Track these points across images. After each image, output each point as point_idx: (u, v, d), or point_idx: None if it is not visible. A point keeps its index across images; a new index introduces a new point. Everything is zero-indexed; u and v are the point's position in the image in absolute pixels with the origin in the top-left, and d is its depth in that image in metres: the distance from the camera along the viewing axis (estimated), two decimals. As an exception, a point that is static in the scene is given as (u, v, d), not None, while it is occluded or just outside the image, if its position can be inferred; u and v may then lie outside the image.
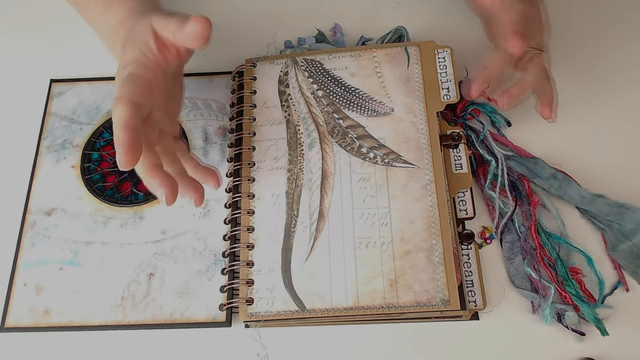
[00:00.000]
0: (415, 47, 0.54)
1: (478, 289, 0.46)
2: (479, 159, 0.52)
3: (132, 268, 0.49)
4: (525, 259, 0.47)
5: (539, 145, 0.52)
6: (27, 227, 0.52)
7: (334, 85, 0.53)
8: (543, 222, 0.49)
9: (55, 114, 0.57)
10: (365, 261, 0.46)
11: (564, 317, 0.45)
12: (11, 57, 0.62)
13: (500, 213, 0.49)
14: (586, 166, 0.51)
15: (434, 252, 0.45)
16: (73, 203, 0.52)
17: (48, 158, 0.55)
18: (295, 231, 0.48)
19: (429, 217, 0.47)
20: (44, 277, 0.50)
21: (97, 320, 0.48)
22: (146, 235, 0.51)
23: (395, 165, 0.49)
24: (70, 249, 0.51)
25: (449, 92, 0.51)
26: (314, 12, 0.61)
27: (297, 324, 0.47)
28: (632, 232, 0.47)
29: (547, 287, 0.46)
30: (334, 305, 0.45)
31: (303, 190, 0.49)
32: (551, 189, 0.50)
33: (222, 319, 0.47)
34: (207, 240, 0.50)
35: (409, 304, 0.44)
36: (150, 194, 0.52)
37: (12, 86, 0.60)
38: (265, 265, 0.47)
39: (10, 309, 0.49)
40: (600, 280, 0.46)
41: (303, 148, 0.51)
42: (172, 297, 0.48)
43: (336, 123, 0.51)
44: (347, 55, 0.54)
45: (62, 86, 0.58)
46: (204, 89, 0.56)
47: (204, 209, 0.51)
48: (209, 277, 0.48)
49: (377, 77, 0.53)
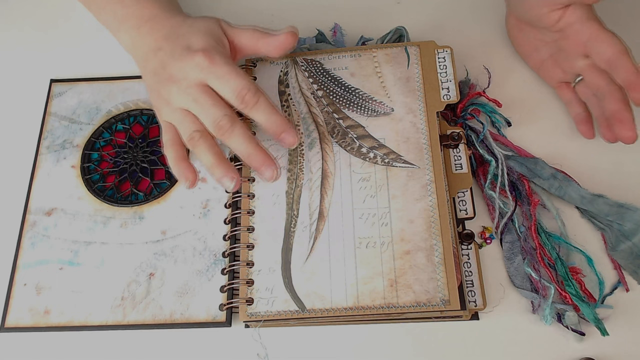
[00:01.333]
0: (415, 47, 0.54)
1: (478, 289, 0.46)
2: (479, 159, 0.52)
3: (132, 268, 0.49)
4: (525, 259, 0.47)
5: (539, 145, 0.52)
6: (27, 227, 0.52)
7: (334, 85, 0.53)
8: (543, 222, 0.49)
9: (55, 114, 0.57)
10: (365, 261, 0.46)
11: (564, 317, 0.45)
12: (11, 57, 0.62)
13: (500, 213, 0.49)
14: (586, 166, 0.51)
15: (434, 252, 0.45)
16: (73, 203, 0.52)
17: (48, 158, 0.55)
18: (295, 231, 0.48)
19: (429, 217, 0.47)
20: (44, 277, 0.50)
21: (97, 320, 0.48)
22: (146, 235, 0.51)
23: (395, 165, 0.49)
24: (70, 249, 0.51)
25: (449, 92, 0.51)
26: (314, 12, 0.61)
27: (297, 324, 0.47)
28: (632, 232, 0.47)
29: (547, 287, 0.46)
30: (334, 305, 0.45)
31: (303, 190, 0.49)
32: (551, 189, 0.50)
33: (222, 319, 0.47)
34: (207, 240, 0.50)
35: (409, 304, 0.44)
36: (150, 194, 0.52)
37: (12, 86, 0.60)
38: (265, 265, 0.47)
39: (10, 309, 0.49)
40: (600, 280, 0.46)
41: (303, 148, 0.51)
42: (172, 297, 0.48)
43: (336, 123, 0.51)
44: (347, 55, 0.54)
45: (62, 86, 0.58)
46: (204, 89, 0.56)
47: (204, 209, 0.51)
48: (209, 277, 0.48)
49: (377, 77, 0.53)
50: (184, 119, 0.46)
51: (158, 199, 0.52)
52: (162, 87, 0.47)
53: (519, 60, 0.56)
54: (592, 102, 0.50)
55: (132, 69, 0.58)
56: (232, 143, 0.45)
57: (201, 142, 0.45)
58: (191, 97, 0.45)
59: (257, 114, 0.46)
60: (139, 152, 0.54)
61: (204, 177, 0.52)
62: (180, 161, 0.47)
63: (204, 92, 0.45)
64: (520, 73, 0.56)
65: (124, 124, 0.56)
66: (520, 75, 0.56)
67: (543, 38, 0.52)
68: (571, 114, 0.53)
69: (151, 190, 0.52)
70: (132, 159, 0.54)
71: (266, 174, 0.45)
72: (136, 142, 0.55)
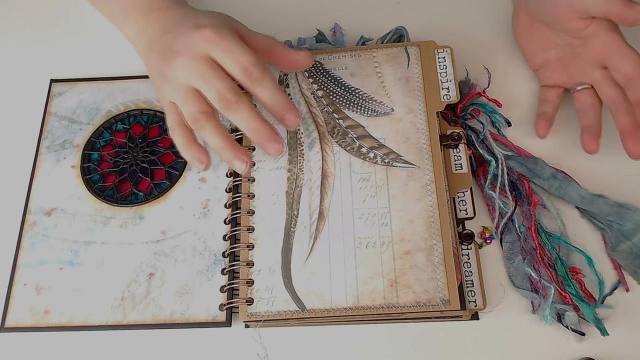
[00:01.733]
0: (415, 47, 0.54)
1: (478, 289, 0.46)
2: (479, 159, 0.52)
3: (132, 268, 0.49)
4: (525, 259, 0.47)
5: (539, 145, 0.52)
6: (27, 227, 0.52)
7: (334, 85, 0.53)
8: (543, 222, 0.49)
9: (55, 114, 0.57)
10: (365, 261, 0.46)
11: (564, 317, 0.45)
12: (11, 57, 0.62)
13: (500, 213, 0.49)
14: (586, 166, 0.51)
15: (434, 252, 0.45)
16: (73, 203, 0.52)
17: (48, 158, 0.55)
18: (295, 231, 0.48)
19: (429, 217, 0.47)
20: (44, 277, 0.50)
21: (97, 320, 0.48)
22: (146, 235, 0.51)
23: (395, 165, 0.49)
24: (70, 249, 0.51)
25: (449, 92, 0.51)
26: (314, 12, 0.61)
27: (297, 324, 0.47)
28: (632, 232, 0.47)
29: (547, 287, 0.46)
30: (334, 305, 0.45)
31: (303, 190, 0.49)
32: (551, 189, 0.50)
33: (222, 319, 0.47)
34: (207, 240, 0.50)
35: (409, 304, 0.44)
36: (150, 194, 0.52)
37: (12, 86, 0.60)
38: (265, 265, 0.47)
39: (10, 309, 0.49)
40: (600, 280, 0.46)
41: (303, 148, 0.51)
42: (172, 297, 0.48)
43: (336, 123, 0.51)
44: (347, 55, 0.54)
45: (62, 86, 0.58)
46: (204, 89, 0.56)
47: (204, 209, 0.51)
48: (209, 277, 0.48)
49: (377, 77, 0.53)
50: (188, 98, 0.44)
51: (158, 199, 0.52)
52: (165, 64, 0.45)
53: (519, 60, 0.56)
54: (586, 111, 0.50)
55: (132, 69, 0.58)
56: (238, 118, 0.44)
57: (208, 124, 0.44)
58: (196, 70, 0.44)
59: (263, 91, 0.44)
60: (139, 152, 0.54)
61: (203, 177, 0.52)
62: (190, 143, 0.45)
63: (209, 66, 0.44)
64: (520, 73, 0.56)
65: (124, 124, 0.56)
66: (520, 75, 0.56)
67: (556, 40, 0.52)
68: (539, 110, 0.53)
69: (151, 190, 0.52)
70: (132, 159, 0.54)
71: (272, 150, 0.45)
72: (136, 142, 0.55)
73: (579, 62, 0.51)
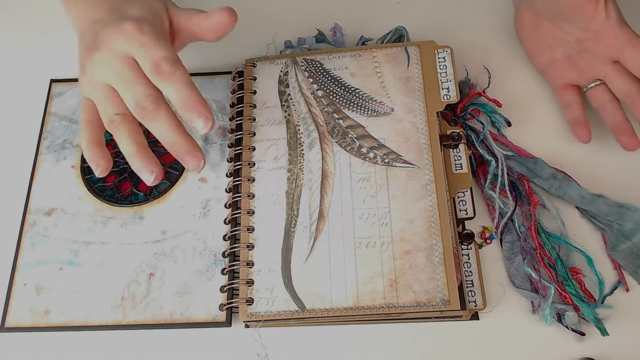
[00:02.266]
0: (415, 47, 0.54)
1: (478, 289, 0.46)
2: (479, 159, 0.52)
3: (132, 268, 0.49)
4: (525, 259, 0.47)
5: (539, 145, 0.52)
6: (27, 227, 0.52)
7: (334, 85, 0.53)
8: (543, 222, 0.49)
9: (55, 114, 0.57)
10: (365, 261, 0.46)
11: (564, 317, 0.45)
12: (11, 57, 0.62)
13: (500, 213, 0.49)
14: (586, 166, 0.51)
15: (434, 252, 0.45)
16: (73, 203, 0.52)
17: (48, 158, 0.55)
18: (295, 231, 0.48)
19: (429, 217, 0.47)
20: (44, 277, 0.50)
21: (97, 320, 0.48)
22: (146, 235, 0.51)
23: (395, 165, 0.49)
24: (70, 249, 0.51)
25: (449, 92, 0.51)
26: (314, 12, 0.61)
27: (297, 324, 0.47)
28: (632, 232, 0.47)
29: (547, 287, 0.46)
30: (334, 305, 0.45)
31: (303, 190, 0.49)
32: (551, 189, 0.50)
33: (222, 319, 0.47)
34: (207, 240, 0.50)
35: (409, 304, 0.44)
36: (150, 194, 0.52)
37: (12, 86, 0.60)
38: (265, 265, 0.47)
39: (10, 309, 0.49)
40: (600, 280, 0.46)
41: (303, 148, 0.51)
42: (172, 297, 0.48)
43: (336, 123, 0.51)
44: (347, 55, 0.54)
45: (62, 86, 0.58)
46: (204, 89, 0.56)
47: (204, 209, 0.51)
48: (209, 277, 0.48)
49: (377, 77, 0.53)
50: (106, 98, 0.42)
51: (158, 199, 0.52)
52: (87, 58, 0.42)
53: (519, 60, 0.56)
54: (607, 108, 0.50)
55: (132, 69, 0.58)
56: (155, 127, 0.41)
57: (122, 127, 0.41)
58: (113, 69, 0.41)
59: (170, 86, 0.40)
60: (139, 152, 0.54)
61: (203, 177, 0.52)
62: (93, 145, 0.43)
63: (128, 66, 0.40)
64: (520, 73, 0.56)
65: (124, 124, 0.56)
66: (520, 75, 0.56)
67: (564, 37, 0.51)
68: (567, 116, 0.52)
69: (151, 190, 0.52)
70: (132, 159, 0.54)
71: (191, 164, 0.42)
72: (136, 142, 0.55)
73: (588, 58, 0.50)
